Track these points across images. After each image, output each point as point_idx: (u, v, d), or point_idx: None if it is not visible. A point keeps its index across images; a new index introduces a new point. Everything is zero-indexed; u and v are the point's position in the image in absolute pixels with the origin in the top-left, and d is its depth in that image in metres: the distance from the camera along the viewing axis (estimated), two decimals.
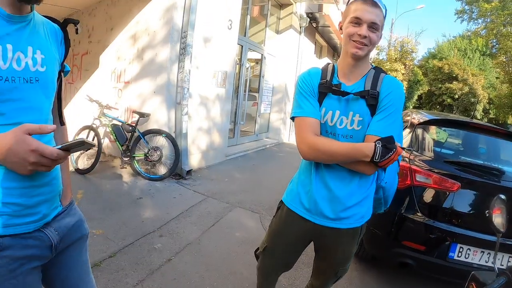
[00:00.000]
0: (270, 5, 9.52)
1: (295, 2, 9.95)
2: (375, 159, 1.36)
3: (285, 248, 1.77)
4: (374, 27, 1.44)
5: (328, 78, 1.56)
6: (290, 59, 10.40)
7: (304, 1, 9.96)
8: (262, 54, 9.35)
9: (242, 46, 7.99)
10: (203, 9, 5.61)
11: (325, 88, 1.55)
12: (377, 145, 1.36)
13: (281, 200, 1.77)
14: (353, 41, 1.45)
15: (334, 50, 20.51)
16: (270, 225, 1.84)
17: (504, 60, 26.07)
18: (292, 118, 1.60)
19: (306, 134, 1.52)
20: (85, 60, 7.18)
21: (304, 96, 1.56)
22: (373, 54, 28.14)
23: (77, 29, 1.38)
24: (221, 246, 3.38)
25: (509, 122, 29.75)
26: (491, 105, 31.42)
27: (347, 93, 1.51)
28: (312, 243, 1.76)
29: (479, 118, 31.34)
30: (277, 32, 10.31)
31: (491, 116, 33.45)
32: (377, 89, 1.49)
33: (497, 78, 33.04)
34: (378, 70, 1.56)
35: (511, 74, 22.96)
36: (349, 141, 1.52)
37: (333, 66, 1.62)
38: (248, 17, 8.37)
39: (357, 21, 1.43)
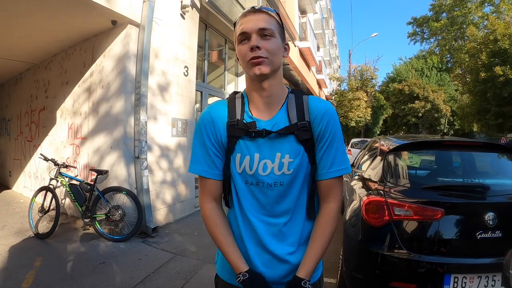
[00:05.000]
0: (228, 48, 9.51)
1: None
2: None
3: None
4: (265, 33, 1.15)
5: (238, 116, 1.24)
6: None
7: None
8: (223, 99, 9.19)
9: (201, 92, 7.83)
10: (157, 56, 5.48)
11: (237, 131, 1.22)
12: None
13: (216, 274, 1.42)
14: (249, 61, 1.15)
15: (296, 87, 20.88)
16: None
17: (460, 72, 27.26)
18: None
19: (202, 198, 1.29)
20: (43, 116, 7.00)
21: (202, 145, 1.26)
22: (335, 86, 28.88)
23: None
24: None
25: (474, 130, 30.73)
26: (455, 117, 32.51)
27: (269, 132, 1.19)
28: None
29: (444, 131, 32.27)
30: (237, 75, 10.30)
31: (456, 127, 34.55)
32: (306, 118, 1.20)
33: (456, 90, 34.54)
34: (298, 93, 1.28)
35: (469, 84, 23.91)
36: (278, 189, 1.21)
37: (242, 96, 1.30)
38: (206, 62, 8.27)
39: (245, 36, 1.17)
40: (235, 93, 1.34)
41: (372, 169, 3.42)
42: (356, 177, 3.86)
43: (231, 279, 1.30)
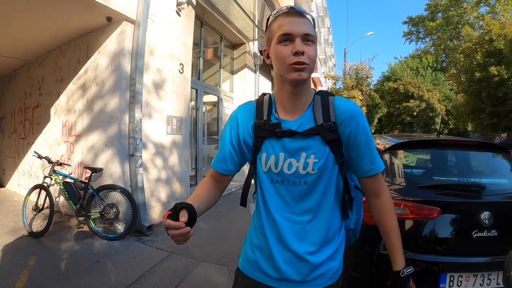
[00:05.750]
0: (223, 46, 9.53)
1: (248, 41, 10.06)
2: None
3: None
4: (308, 39, 1.15)
5: (265, 117, 1.27)
6: (247, 98, 10.19)
7: (257, 39, 10.06)
8: (218, 97, 9.21)
9: (196, 89, 7.82)
10: (152, 54, 5.45)
11: (264, 131, 1.26)
12: None
13: (238, 267, 1.44)
14: (291, 64, 1.14)
15: None
16: None
17: (455, 71, 27.36)
18: None
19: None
20: (36, 113, 6.94)
21: (222, 142, 1.36)
22: (330, 84, 28.88)
23: None
24: None
25: (469, 129, 30.87)
26: (449, 116, 32.65)
27: (295, 133, 1.21)
28: None
29: (439, 130, 32.50)
30: (232, 72, 10.30)
31: (451, 126, 34.71)
32: (332, 119, 1.21)
33: (451, 90, 34.68)
34: (324, 95, 1.28)
35: (464, 84, 24.02)
36: (302, 187, 1.23)
37: (270, 98, 1.32)
38: (201, 59, 8.27)
39: (287, 38, 1.14)
40: (264, 94, 1.36)
41: None
42: None
43: (252, 273, 1.34)
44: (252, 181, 1.37)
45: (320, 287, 1.27)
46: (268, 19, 1.26)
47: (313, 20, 1.24)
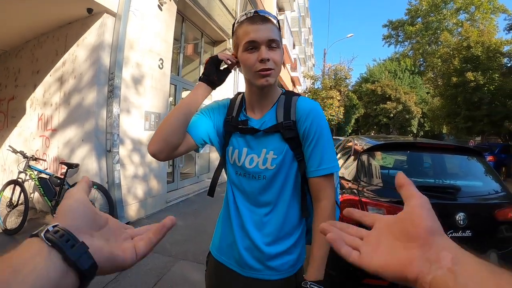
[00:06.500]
0: (204, 42, 9.47)
1: (228, 38, 10.03)
2: None
3: None
4: (273, 45, 1.21)
5: (235, 113, 1.37)
6: (226, 95, 10.20)
7: None
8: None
9: (175, 85, 7.76)
10: (132, 48, 5.37)
11: (231, 126, 1.35)
12: None
13: (209, 251, 1.53)
14: (257, 72, 1.20)
15: None
16: (205, 279, 1.56)
17: (432, 76, 27.95)
18: None
19: None
20: (12, 106, 6.70)
21: (198, 112, 1.40)
22: (309, 84, 29.13)
23: None
24: None
25: (444, 132, 31.59)
26: (425, 119, 33.33)
27: (257, 130, 1.29)
28: None
29: (415, 132, 33.19)
30: None
31: (426, 129, 35.44)
32: (292, 118, 1.27)
33: (427, 93, 35.42)
34: (289, 95, 1.35)
35: (440, 88, 24.57)
36: (261, 182, 1.30)
37: (242, 97, 1.42)
38: (181, 55, 8.20)
39: (252, 45, 1.20)
40: (238, 94, 1.46)
41: (345, 168, 3.46)
42: None
43: (218, 256, 1.44)
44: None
45: (276, 278, 1.33)
46: (233, 25, 1.30)
47: (278, 22, 1.29)
